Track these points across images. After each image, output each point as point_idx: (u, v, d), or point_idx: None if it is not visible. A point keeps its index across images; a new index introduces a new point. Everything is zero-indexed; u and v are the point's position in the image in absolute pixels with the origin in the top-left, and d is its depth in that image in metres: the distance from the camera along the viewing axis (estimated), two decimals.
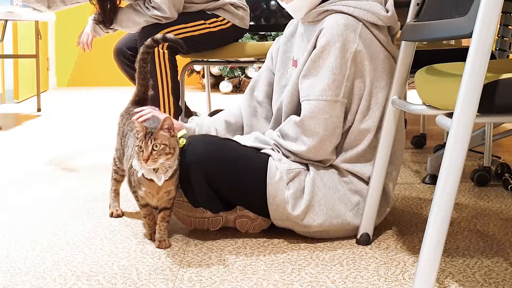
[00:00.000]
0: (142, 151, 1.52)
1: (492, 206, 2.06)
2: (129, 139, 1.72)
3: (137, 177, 1.60)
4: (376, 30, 1.66)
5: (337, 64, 1.62)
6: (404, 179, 2.44)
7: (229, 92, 5.85)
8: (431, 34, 1.38)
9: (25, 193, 2.22)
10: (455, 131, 1.17)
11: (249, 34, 5.48)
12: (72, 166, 2.68)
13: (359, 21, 1.64)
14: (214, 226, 1.76)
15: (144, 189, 1.60)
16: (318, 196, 1.65)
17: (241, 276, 1.46)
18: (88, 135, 3.55)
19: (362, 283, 1.42)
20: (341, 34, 1.61)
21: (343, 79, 1.63)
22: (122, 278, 1.44)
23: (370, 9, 1.64)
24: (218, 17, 2.76)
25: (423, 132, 3.25)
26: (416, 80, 1.52)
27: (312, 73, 1.65)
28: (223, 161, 1.67)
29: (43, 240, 1.71)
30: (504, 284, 1.42)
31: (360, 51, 1.63)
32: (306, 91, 1.65)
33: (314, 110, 1.63)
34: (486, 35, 1.13)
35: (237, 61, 3.11)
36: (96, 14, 2.73)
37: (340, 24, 1.62)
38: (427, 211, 1.99)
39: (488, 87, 1.19)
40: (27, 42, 5.35)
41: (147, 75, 1.86)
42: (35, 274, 1.47)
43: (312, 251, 1.63)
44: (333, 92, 1.62)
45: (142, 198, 1.64)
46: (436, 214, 1.19)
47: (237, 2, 2.83)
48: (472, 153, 2.80)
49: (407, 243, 1.70)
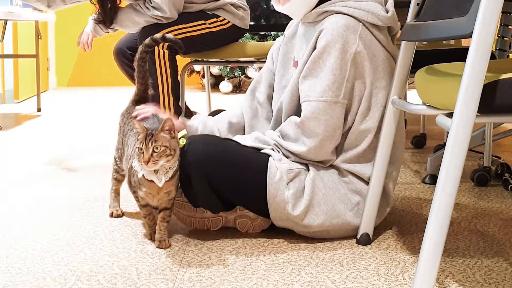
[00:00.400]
0: (142, 153, 1.52)
1: (492, 206, 2.06)
2: (130, 138, 1.72)
3: (137, 178, 1.60)
4: (376, 30, 1.66)
5: (337, 65, 1.62)
6: (404, 179, 2.44)
7: (229, 92, 5.85)
8: (431, 34, 1.37)
9: (25, 193, 2.22)
10: (455, 131, 1.17)
11: (249, 34, 5.48)
12: (72, 166, 2.68)
13: (359, 22, 1.64)
14: (214, 226, 1.76)
15: (145, 189, 1.60)
16: (318, 196, 1.65)
17: (241, 276, 1.46)
18: (88, 135, 3.55)
19: (362, 283, 1.42)
20: (341, 35, 1.61)
21: (343, 80, 1.63)
22: (122, 278, 1.44)
23: (370, 10, 1.64)
24: (218, 17, 2.76)
25: (423, 132, 3.25)
26: (416, 80, 1.52)
27: (312, 74, 1.65)
28: (223, 161, 1.67)
29: (43, 240, 1.71)
30: (504, 284, 1.42)
31: (360, 52, 1.63)
32: (307, 92, 1.65)
33: (314, 111, 1.63)
34: (486, 35, 1.13)
35: (237, 61, 3.11)
36: (96, 13, 2.73)
37: (341, 25, 1.62)
38: (427, 211, 1.99)
39: (488, 87, 1.19)
40: (27, 42, 5.35)
41: (146, 74, 1.86)
42: (35, 274, 1.47)
43: (312, 251, 1.63)
44: (333, 93, 1.62)
45: (142, 198, 1.64)
46: (436, 214, 1.19)
47: (237, 2, 2.83)
48: (472, 153, 2.80)
49: (407, 243, 1.70)
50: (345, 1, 1.66)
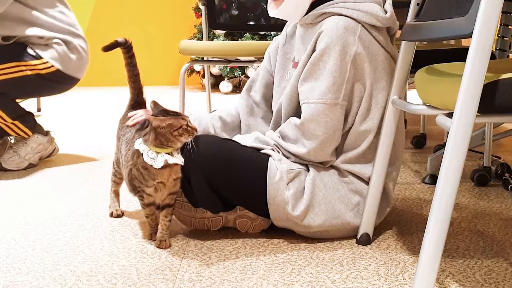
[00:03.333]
0: (185, 128, 1.56)
1: (492, 206, 2.06)
2: (122, 144, 1.74)
3: (147, 172, 1.59)
4: (375, 31, 1.66)
5: (337, 67, 1.62)
6: (404, 179, 2.44)
7: (229, 92, 5.85)
8: (431, 34, 1.37)
9: (25, 193, 2.22)
10: (455, 131, 1.17)
11: (249, 34, 5.49)
12: (71, 166, 2.68)
13: (358, 23, 1.64)
14: (214, 226, 1.76)
15: (157, 181, 1.60)
16: (318, 197, 1.65)
17: (241, 276, 1.46)
18: (88, 135, 3.55)
19: (362, 283, 1.42)
20: (340, 37, 1.61)
21: (343, 81, 1.63)
22: (122, 278, 1.45)
23: (369, 11, 1.64)
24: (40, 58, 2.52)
25: (423, 132, 3.25)
26: (416, 80, 1.52)
27: (312, 76, 1.65)
28: (223, 162, 1.67)
29: (43, 240, 1.71)
30: (504, 284, 1.42)
31: (360, 54, 1.63)
32: (306, 94, 1.65)
33: (314, 113, 1.63)
34: (486, 35, 1.13)
35: (237, 61, 3.11)
36: None
37: (340, 27, 1.62)
38: (427, 211, 1.99)
39: (488, 87, 1.19)
40: None
41: (137, 78, 1.87)
42: (35, 274, 1.47)
43: (312, 251, 1.63)
44: (333, 95, 1.62)
45: (148, 196, 1.63)
46: (436, 214, 1.19)
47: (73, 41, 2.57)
48: (472, 153, 2.80)
49: (407, 243, 1.70)
50: (343, 2, 1.66)
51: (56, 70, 2.55)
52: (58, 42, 2.56)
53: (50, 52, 2.54)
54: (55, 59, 2.54)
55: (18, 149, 2.58)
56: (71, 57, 2.60)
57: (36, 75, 2.52)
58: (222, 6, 3.65)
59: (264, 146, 1.71)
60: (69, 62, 2.59)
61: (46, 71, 2.53)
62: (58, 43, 2.56)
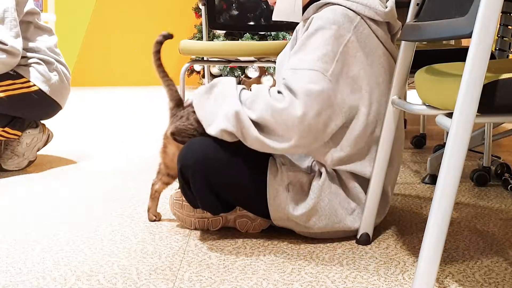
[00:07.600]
0: None
1: (492, 206, 2.06)
2: None
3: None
4: (374, 24, 1.65)
5: (330, 42, 1.58)
6: (404, 179, 2.44)
7: None
8: (431, 34, 1.38)
9: (25, 193, 2.22)
10: (455, 131, 1.17)
11: (249, 34, 5.49)
12: (71, 166, 2.68)
13: (357, 15, 1.64)
14: (214, 226, 1.76)
15: None
16: (324, 202, 1.64)
17: (241, 276, 1.46)
18: (88, 135, 3.55)
19: (362, 283, 1.42)
20: (336, 21, 1.59)
21: (333, 57, 1.58)
22: (122, 278, 1.45)
23: (368, 4, 1.64)
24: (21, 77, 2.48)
25: (423, 132, 3.25)
26: (416, 80, 1.52)
27: (301, 49, 1.61)
28: (222, 163, 1.67)
29: (43, 240, 1.71)
30: (504, 284, 1.42)
31: (353, 42, 1.61)
32: (294, 64, 1.59)
33: (297, 73, 1.57)
34: (486, 35, 1.13)
35: (237, 61, 3.11)
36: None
37: (338, 12, 1.61)
38: (427, 211, 1.99)
39: (488, 87, 1.19)
40: None
41: (168, 78, 1.80)
42: (35, 274, 1.47)
43: (312, 251, 1.63)
44: (322, 65, 1.58)
45: None
46: (436, 214, 1.19)
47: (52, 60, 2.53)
48: (472, 153, 2.80)
49: (407, 243, 1.70)
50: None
51: (38, 89, 2.52)
52: (38, 62, 2.54)
53: (30, 71, 2.51)
54: (36, 78, 2.52)
55: (14, 148, 2.58)
56: (52, 77, 2.57)
57: (19, 94, 2.49)
58: (222, 6, 3.66)
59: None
60: (50, 81, 2.55)
61: (27, 90, 2.50)
62: (38, 62, 2.54)
